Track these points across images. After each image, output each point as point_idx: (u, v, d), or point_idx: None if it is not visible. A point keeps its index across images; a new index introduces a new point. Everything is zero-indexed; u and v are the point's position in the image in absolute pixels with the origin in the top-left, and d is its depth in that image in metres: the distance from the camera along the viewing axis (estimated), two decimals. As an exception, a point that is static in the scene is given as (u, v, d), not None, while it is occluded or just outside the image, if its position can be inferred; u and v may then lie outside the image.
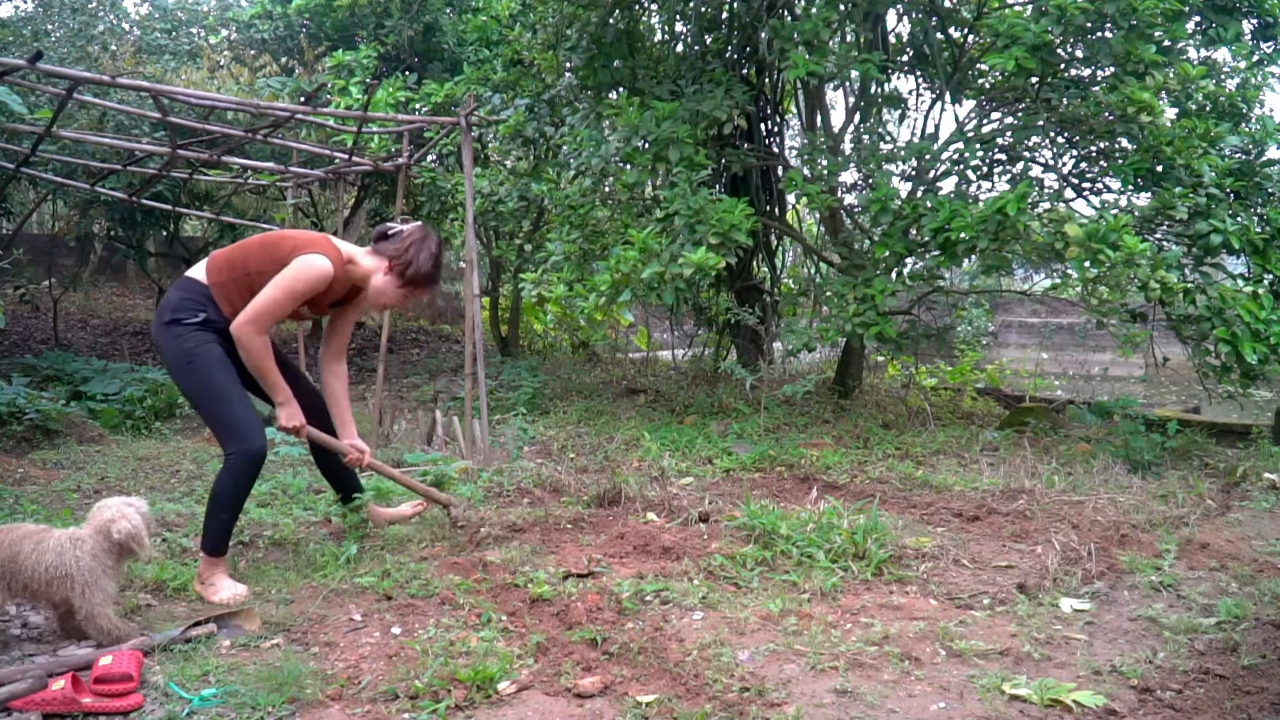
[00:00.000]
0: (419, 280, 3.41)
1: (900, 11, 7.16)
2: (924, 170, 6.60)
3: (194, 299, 3.29)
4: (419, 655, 2.75)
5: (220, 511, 3.27)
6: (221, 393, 3.24)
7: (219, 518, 3.27)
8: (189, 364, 3.23)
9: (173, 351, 3.25)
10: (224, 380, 3.25)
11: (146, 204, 7.94)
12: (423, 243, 3.41)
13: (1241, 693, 2.51)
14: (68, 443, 5.87)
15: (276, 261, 3.26)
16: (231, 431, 3.24)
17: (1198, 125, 5.76)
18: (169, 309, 3.28)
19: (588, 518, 4.26)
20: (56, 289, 10.49)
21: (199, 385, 3.24)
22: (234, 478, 3.25)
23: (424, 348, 12.01)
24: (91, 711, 2.40)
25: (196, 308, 3.27)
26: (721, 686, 2.55)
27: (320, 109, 5.55)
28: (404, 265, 3.37)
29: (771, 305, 8.45)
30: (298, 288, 3.22)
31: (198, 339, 3.24)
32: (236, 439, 3.24)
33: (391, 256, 3.39)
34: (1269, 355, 5.39)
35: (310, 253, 3.26)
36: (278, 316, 3.26)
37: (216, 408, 3.24)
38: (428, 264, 3.40)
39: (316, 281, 3.25)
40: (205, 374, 3.23)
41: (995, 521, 4.22)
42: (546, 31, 7.82)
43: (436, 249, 3.43)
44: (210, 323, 3.27)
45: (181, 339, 3.23)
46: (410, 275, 3.39)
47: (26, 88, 4.98)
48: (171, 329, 3.25)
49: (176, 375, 3.28)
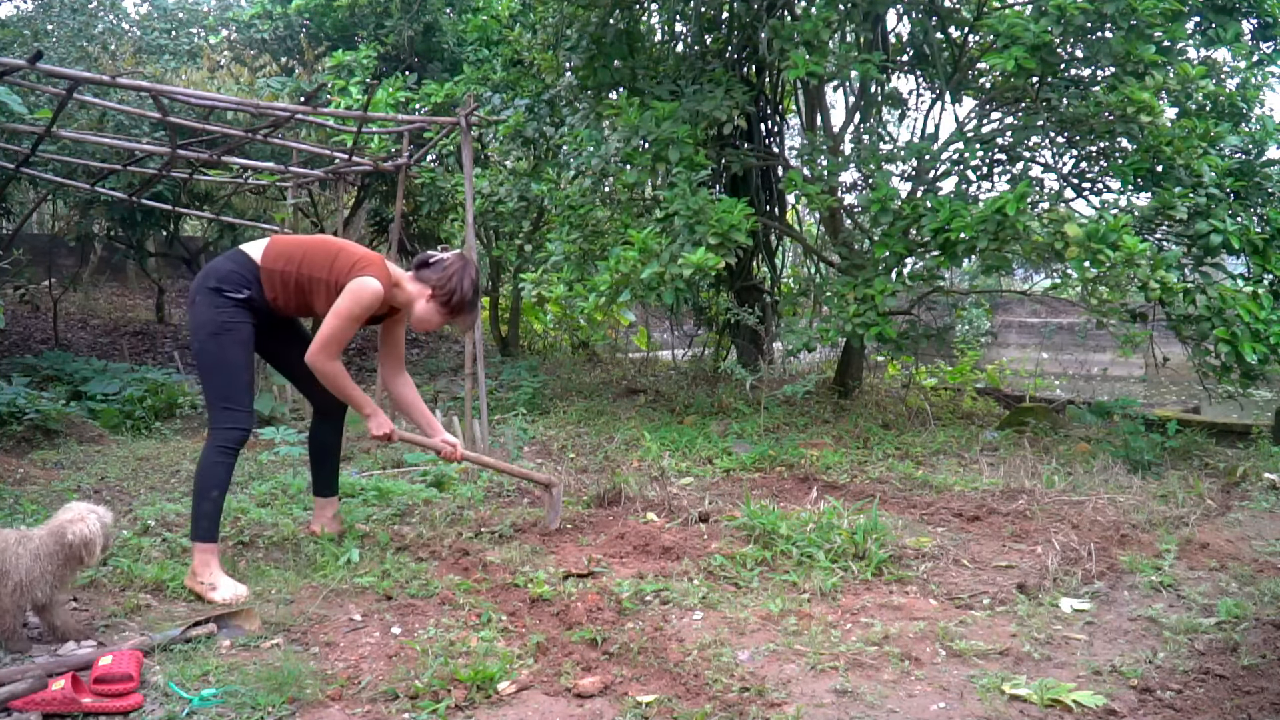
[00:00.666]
0: (462, 308, 3.55)
1: (900, 11, 7.16)
2: (924, 170, 6.60)
3: (243, 273, 3.37)
4: (419, 655, 2.75)
5: (211, 490, 3.29)
6: (234, 371, 3.33)
7: (210, 497, 3.29)
8: (216, 334, 3.31)
9: (206, 318, 3.32)
10: (241, 361, 3.35)
11: (146, 204, 7.95)
12: (464, 271, 3.54)
13: (1241, 693, 2.51)
14: (68, 443, 5.87)
15: (333, 271, 3.38)
16: (227, 407, 3.31)
17: (1198, 125, 5.76)
18: (215, 275, 3.36)
19: (588, 518, 4.26)
20: (56, 289, 10.49)
21: (217, 357, 3.32)
22: (222, 452, 3.31)
23: (424, 348, 12.01)
24: (91, 711, 2.40)
25: (243, 283, 3.36)
26: (721, 686, 2.55)
27: (320, 109, 5.55)
28: (448, 294, 3.51)
29: (771, 305, 8.45)
30: (356, 311, 3.35)
31: (235, 314, 3.33)
32: (231, 413, 3.31)
33: (435, 285, 3.51)
34: (1269, 355, 5.39)
35: (366, 274, 3.36)
36: (343, 342, 3.39)
37: (224, 381, 3.33)
38: (470, 292, 3.55)
39: (372, 304, 3.38)
40: (228, 349, 3.32)
41: (995, 521, 4.22)
42: (546, 31, 7.82)
43: (476, 276, 3.59)
44: (251, 301, 3.37)
45: (220, 309, 3.32)
46: (455, 304, 3.53)
47: (26, 88, 4.98)
48: (212, 296, 3.33)
49: (200, 340, 3.34)
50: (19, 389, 6.29)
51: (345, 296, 3.33)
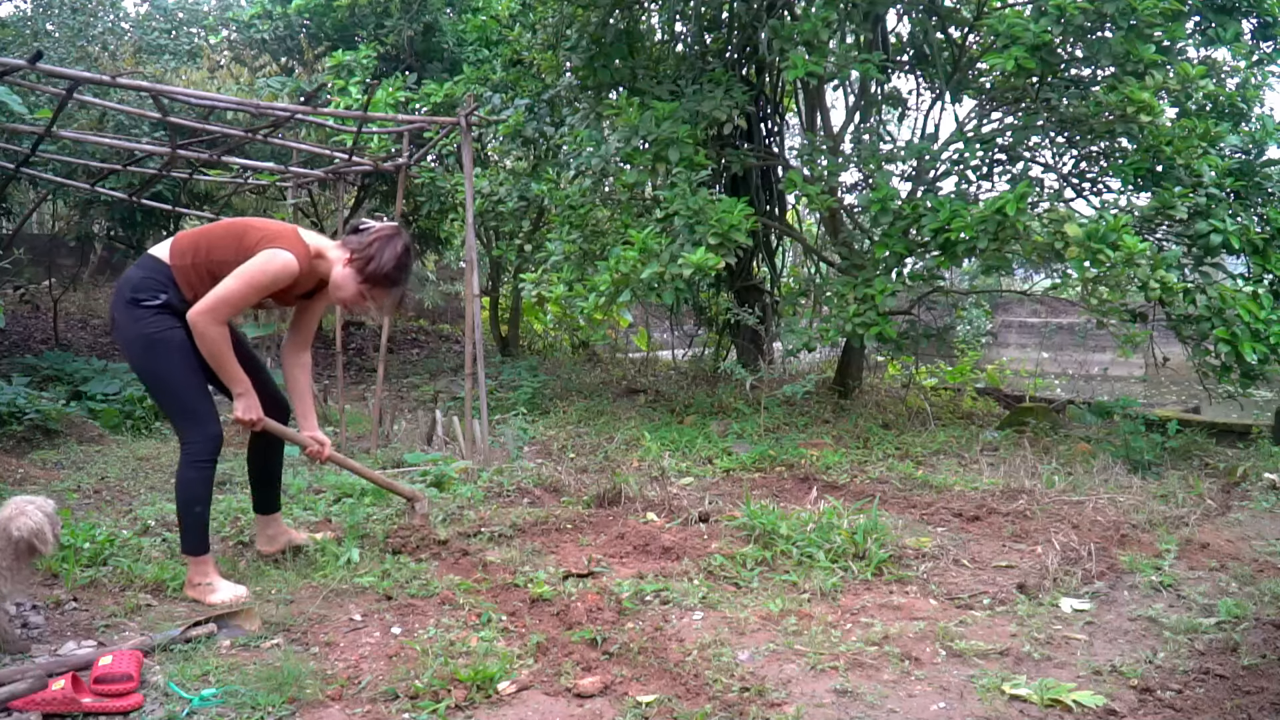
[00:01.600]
0: (378, 279, 3.26)
1: (900, 11, 7.16)
2: (924, 170, 6.60)
3: (155, 279, 3.19)
4: (419, 655, 2.75)
5: (193, 505, 3.20)
6: (181, 380, 3.17)
7: (193, 512, 3.20)
8: (148, 349, 3.15)
9: (132, 334, 3.16)
10: (184, 367, 3.17)
11: (146, 204, 7.94)
12: (388, 241, 3.26)
13: (1241, 693, 2.51)
14: (68, 443, 5.87)
15: (241, 251, 3.16)
16: (190, 418, 3.18)
17: (1197, 125, 5.76)
18: (129, 287, 3.18)
19: (588, 518, 4.26)
20: (56, 289, 10.48)
21: (158, 371, 3.16)
22: (197, 467, 3.18)
23: (424, 348, 12.01)
24: (91, 711, 2.40)
25: (158, 288, 3.17)
26: (721, 686, 2.55)
27: (320, 109, 5.55)
28: (364, 260, 3.24)
29: (771, 305, 8.45)
30: (260, 280, 3.13)
31: (159, 323, 3.15)
32: (195, 424, 3.18)
33: (354, 249, 3.27)
34: (1269, 355, 5.39)
35: (276, 246, 3.15)
36: (237, 307, 3.16)
37: (175, 394, 3.18)
38: (389, 264, 3.25)
39: (280, 276, 3.15)
40: (165, 360, 3.15)
41: (995, 521, 4.22)
42: (546, 31, 7.82)
43: (403, 251, 3.28)
44: (170, 306, 3.17)
45: (141, 322, 3.14)
46: (369, 272, 3.24)
47: (26, 88, 4.98)
48: (131, 310, 3.16)
49: (134, 358, 3.20)
50: (19, 389, 6.29)
51: (253, 261, 3.11)
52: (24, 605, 3.06)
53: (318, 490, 4.64)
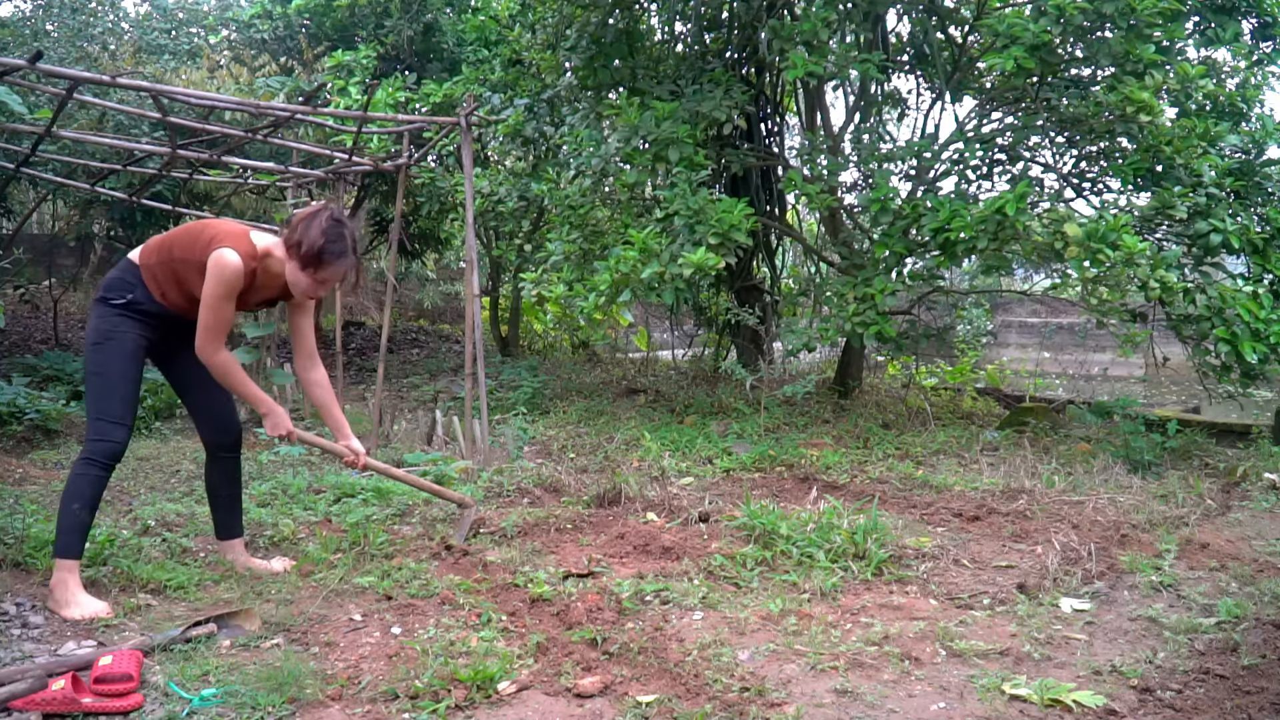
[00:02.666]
0: (313, 258, 3.14)
1: (900, 11, 7.16)
2: (924, 170, 6.60)
3: (125, 279, 3.28)
4: (419, 655, 2.75)
5: (73, 500, 3.11)
6: (111, 382, 3.19)
7: (70, 508, 3.11)
8: (97, 344, 3.22)
9: (92, 328, 3.25)
10: (120, 372, 3.20)
11: (146, 204, 7.94)
12: (310, 220, 3.17)
13: (1241, 693, 2.51)
14: (68, 443, 5.87)
15: (195, 250, 3.20)
16: (102, 419, 3.17)
17: (1197, 125, 5.76)
18: (102, 286, 3.30)
19: (588, 518, 4.26)
20: (56, 289, 10.48)
21: (97, 367, 3.21)
22: (89, 467, 3.14)
23: (424, 348, 12.01)
24: (91, 711, 2.40)
25: (125, 288, 3.26)
26: (721, 686, 2.55)
27: (320, 109, 5.55)
28: (296, 247, 3.16)
29: (771, 305, 8.45)
30: (218, 290, 3.14)
31: (116, 323, 3.23)
32: (103, 427, 3.16)
33: (287, 242, 3.21)
34: (1269, 355, 5.39)
35: (219, 247, 3.14)
36: (223, 325, 3.20)
37: (99, 394, 3.19)
38: (318, 239, 3.12)
39: (232, 277, 3.14)
40: (107, 359, 3.20)
41: (995, 521, 4.22)
42: (546, 31, 7.81)
43: (328, 223, 3.15)
44: (134, 304, 3.25)
45: (103, 318, 3.24)
46: (305, 255, 3.14)
47: (26, 88, 4.98)
48: (98, 306, 3.27)
49: (87, 350, 3.26)
50: (19, 389, 6.29)
51: (206, 279, 3.14)
52: (24, 605, 3.06)
53: (318, 490, 4.64)
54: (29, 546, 3.45)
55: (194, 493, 4.65)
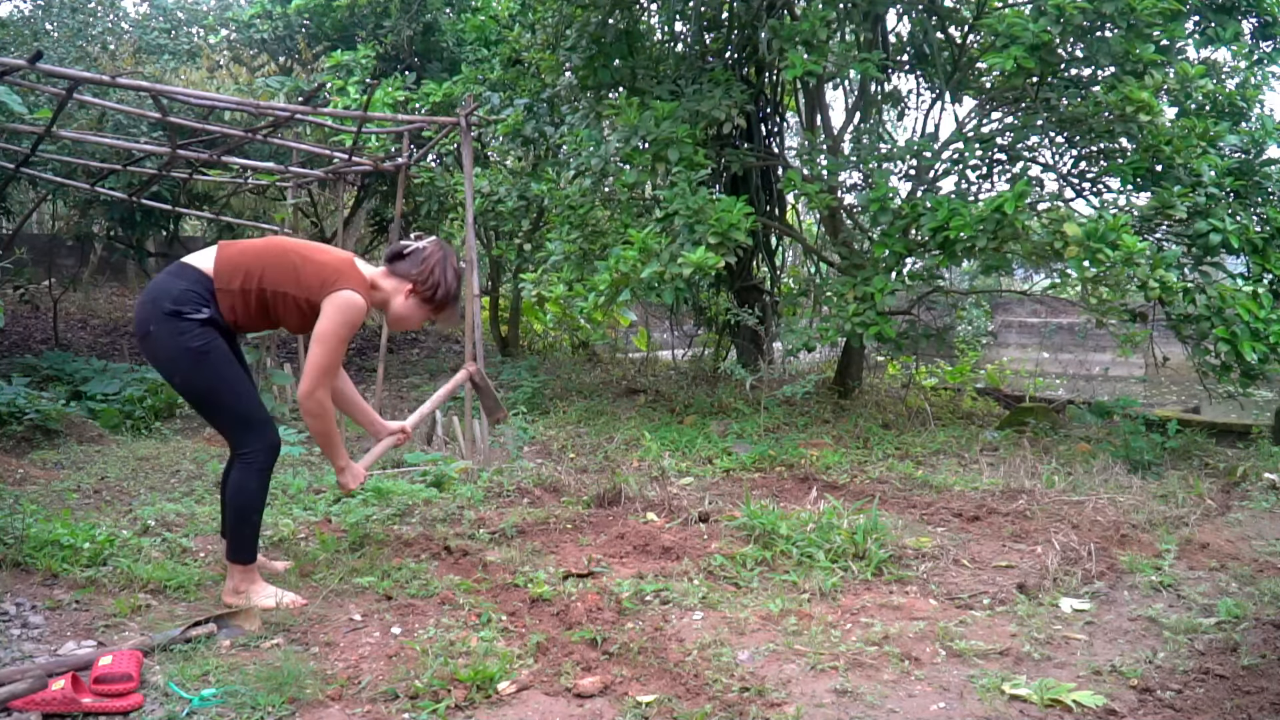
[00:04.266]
0: (448, 302, 3.27)
1: (900, 11, 7.16)
2: (923, 170, 6.61)
3: (198, 293, 3.06)
4: (419, 655, 2.75)
5: (252, 514, 3.16)
6: (235, 390, 3.11)
7: (251, 521, 3.16)
8: (197, 363, 3.03)
9: (176, 350, 3.02)
10: (235, 378, 3.12)
11: (146, 204, 7.94)
12: (445, 261, 3.24)
13: (1241, 693, 2.51)
14: (68, 443, 5.87)
15: (302, 286, 3.09)
16: (248, 427, 3.13)
17: (1197, 124, 5.76)
18: (169, 299, 3.03)
19: (588, 518, 4.26)
20: (56, 289, 10.48)
21: (212, 384, 3.07)
22: (259, 475, 3.15)
23: (424, 348, 12.01)
24: (91, 711, 2.40)
25: (200, 303, 3.05)
26: (721, 686, 2.55)
27: (319, 109, 5.55)
28: (431, 289, 3.23)
29: (771, 305, 8.45)
30: (344, 334, 3.09)
31: (204, 333, 3.04)
32: (254, 433, 3.13)
33: (415, 280, 3.22)
34: (1268, 354, 5.39)
35: (342, 288, 3.07)
36: (337, 367, 3.17)
37: (231, 406, 3.12)
38: (454, 283, 3.26)
39: (357, 321, 3.11)
40: (216, 372, 3.07)
41: (995, 521, 4.22)
42: (546, 31, 7.81)
43: (457, 262, 3.30)
44: (213, 321, 3.07)
45: (185, 334, 3.01)
46: (440, 298, 3.25)
47: (26, 88, 4.98)
48: (173, 322, 3.01)
49: (180, 373, 3.07)
50: (19, 389, 6.29)
51: (329, 318, 3.05)
52: (24, 605, 3.06)
53: (318, 490, 4.64)
54: (29, 546, 3.45)
55: (194, 493, 4.66)
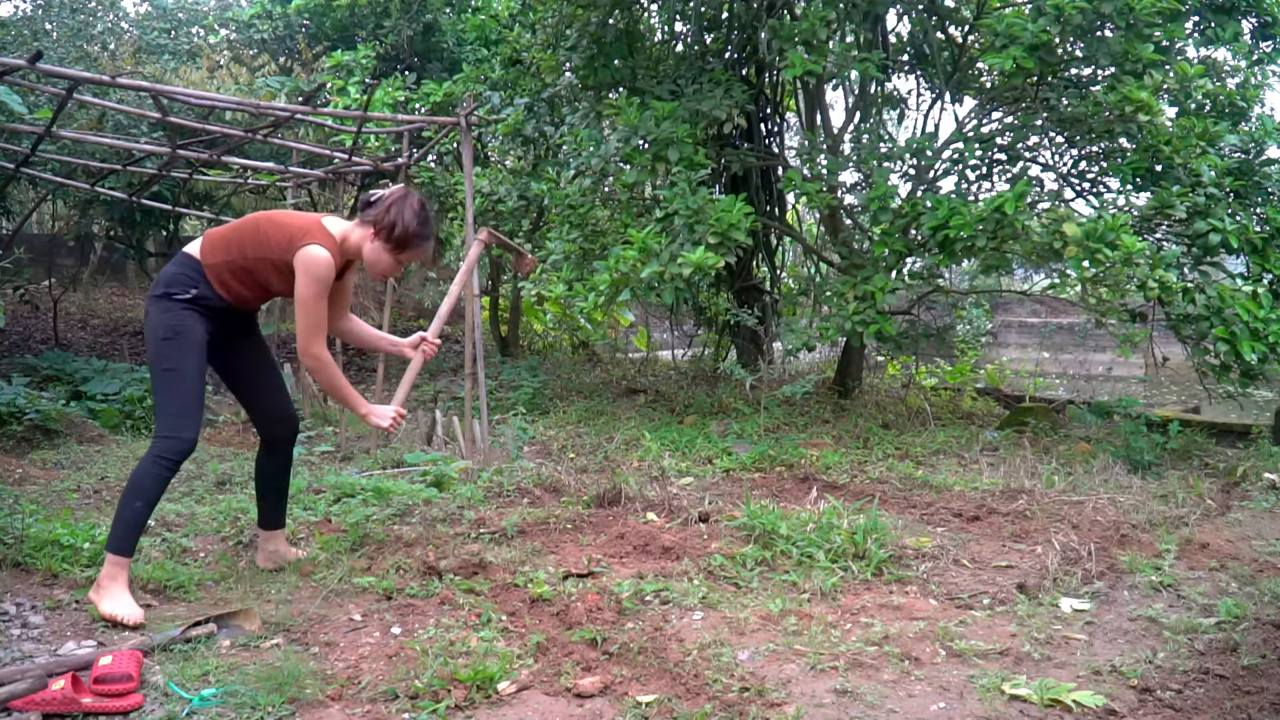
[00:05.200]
0: (408, 240, 3.30)
1: (900, 11, 7.16)
2: (923, 169, 6.61)
3: (188, 274, 3.24)
4: (419, 655, 2.75)
5: (135, 498, 3.10)
6: (183, 377, 3.16)
7: (133, 506, 3.10)
8: (166, 339, 3.17)
9: (157, 322, 3.20)
10: (192, 367, 3.18)
11: (146, 204, 7.94)
12: (404, 201, 3.30)
13: (1241, 693, 2.51)
14: (68, 443, 5.87)
15: (274, 248, 3.22)
16: (172, 415, 3.14)
17: (1196, 124, 5.76)
18: (163, 282, 3.25)
19: (588, 518, 4.26)
20: (56, 289, 10.48)
21: (169, 363, 3.16)
22: (156, 462, 3.12)
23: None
24: (91, 711, 2.40)
25: (189, 283, 3.23)
26: (721, 686, 2.55)
27: (319, 109, 5.55)
28: (389, 227, 3.27)
29: (771, 305, 8.45)
30: (315, 289, 3.19)
31: (184, 317, 3.20)
32: (176, 423, 3.13)
33: (375, 223, 3.29)
34: (1268, 354, 5.39)
35: (306, 244, 3.18)
36: (323, 321, 3.25)
37: (172, 387, 3.16)
38: (413, 221, 3.29)
39: (324, 273, 3.20)
40: (179, 353, 3.16)
41: (995, 521, 4.22)
42: (546, 31, 7.81)
43: (419, 205, 3.33)
44: (201, 299, 3.23)
45: (169, 313, 3.20)
46: (398, 236, 3.28)
47: (26, 88, 4.98)
48: (161, 301, 3.22)
49: (152, 345, 3.21)
50: (19, 389, 6.28)
51: (299, 277, 3.18)
52: (24, 605, 3.06)
53: (318, 490, 4.64)
54: (29, 546, 3.45)
55: (194, 493, 4.66)
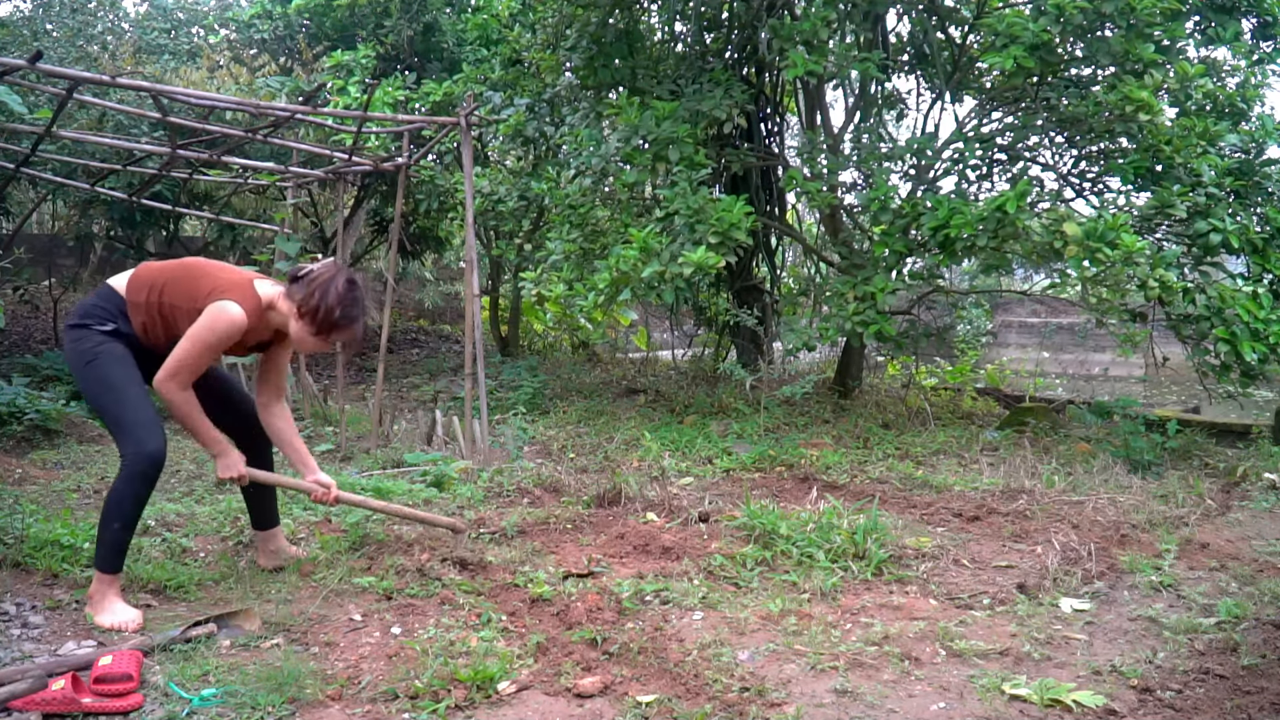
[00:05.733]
0: (330, 325, 3.13)
1: (900, 11, 7.16)
2: (924, 169, 6.61)
3: (107, 308, 3.14)
4: (419, 655, 2.75)
5: (113, 520, 3.01)
6: (119, 392, 3.06)
7: (111, 528, 3.01)
8: (88, 364, 3.06)
9: (73, 352, 3.10)
10: (123, 378, 3.07)
11: (146, 204, 7.93)
12: (330, 283, 3.11)
13: (1241, 693, 2.51)
14: (68, 443, 5.87)
15: (191, 299, 3.10)
16: (128, 432, 3.03)
17: (1197, 124, 5.76)
18: (79, 313, 3.15)
19: (588, 518, 4.26)
20: (56, 289, 10.47)
21: (98, 384, 3.06)
22: (131, 483, 3.01)
23: (424, 348, 12.01)
24: (91, 711, 2.40)
25: (108, 317, 3.13)
26: (721, 686, 2.55)
27: (320, 109, 5.54)
28: (312, 311, 3.11)
29: (771, 305, 8.45)
30: (210, 340, 3.06)
31: (100, 340, 3.09)
32: (132, 440, 3.02)
33: (300, 303, 3.13)
34: (1268, 354, 5.39)
35: (225, 298, 3.07)
36: (197, 369, 3.10)
37: (113, 408, 3.05)
38: (337, 306, 3.11)
39: (229, 332, 3.07)
40: (104, 371, 3.06)
41: (995, 521, 4.22)
42: (546, 31, 7.82)
43: (345, 287, 3.13)
44: (119, 333, 3.12)
45: (83, 340, 3.09)
46: (322, 321, 3.12)
47: (26, 88, 4.98)
48: (75, 331, 3.11)
49: (78, 377, 3.11)
50: (19, 389, 6.28)
51: (201, 321, 3.05)
52: (24, 605, 3.06)
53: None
54: (29, 546, 3.45)
55: (194, 493, 4.66)
